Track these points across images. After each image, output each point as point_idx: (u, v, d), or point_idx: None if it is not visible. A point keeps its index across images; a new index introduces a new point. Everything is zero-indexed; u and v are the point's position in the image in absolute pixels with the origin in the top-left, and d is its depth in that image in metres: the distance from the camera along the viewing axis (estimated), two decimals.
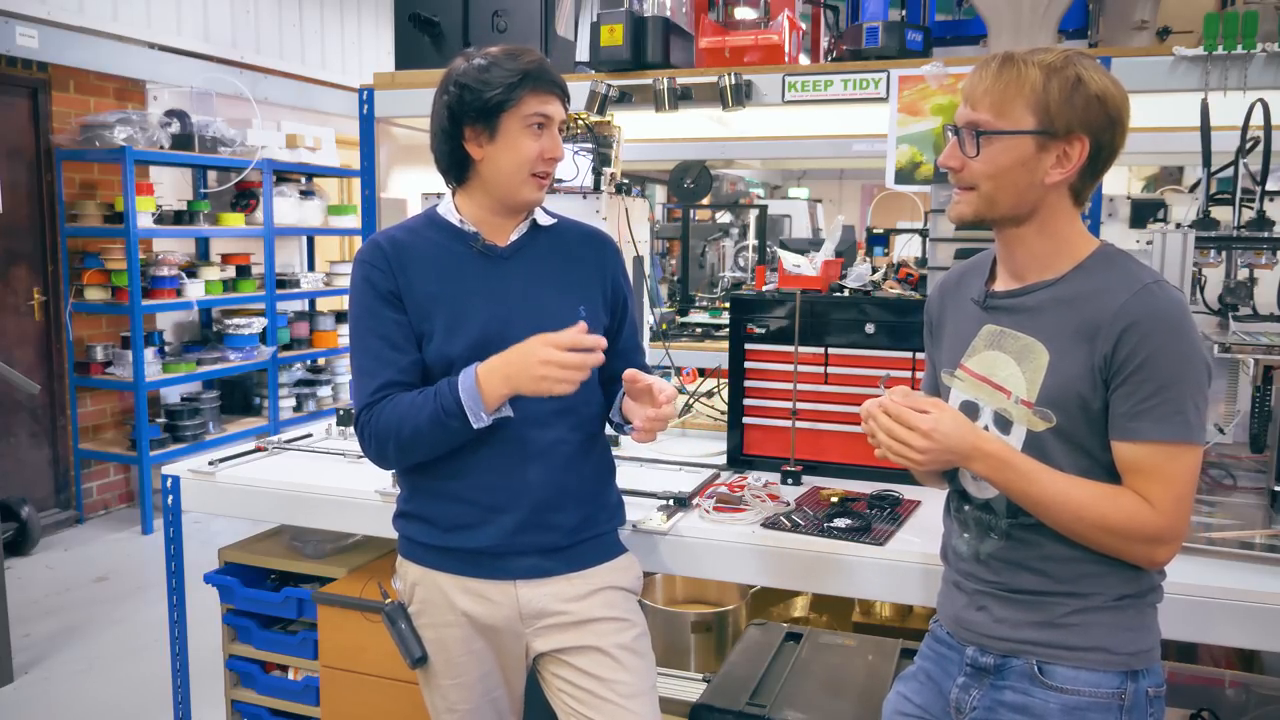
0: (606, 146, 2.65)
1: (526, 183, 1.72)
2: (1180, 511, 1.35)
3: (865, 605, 2.75)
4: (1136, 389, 1.33)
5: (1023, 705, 1.43)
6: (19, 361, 5.09)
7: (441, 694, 1.81)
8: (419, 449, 1.70)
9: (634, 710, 1.73)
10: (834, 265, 2.52)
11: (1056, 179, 1.38)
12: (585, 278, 1.83)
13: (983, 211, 1.42)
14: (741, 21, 2.97)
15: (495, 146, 1.70)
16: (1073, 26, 2.77)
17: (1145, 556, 1.38)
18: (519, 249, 1.79)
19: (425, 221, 1.81)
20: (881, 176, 2.56)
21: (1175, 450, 1.33)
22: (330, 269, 6.94)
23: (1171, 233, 1.95)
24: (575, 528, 1.78)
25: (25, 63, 5.10)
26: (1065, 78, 1.35)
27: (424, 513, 1.78)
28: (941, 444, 1.37)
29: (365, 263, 1.76)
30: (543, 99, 1.70)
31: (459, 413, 1.62)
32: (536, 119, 1.69)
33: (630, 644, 1.78)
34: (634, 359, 1.90)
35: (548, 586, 1.76)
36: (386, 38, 7.31)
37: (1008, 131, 1.37)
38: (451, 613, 1.76)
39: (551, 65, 1.74)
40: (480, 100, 1.67)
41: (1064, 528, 1.39)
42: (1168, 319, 1.33)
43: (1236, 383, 2.24)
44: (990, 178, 1.40)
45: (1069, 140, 1.37)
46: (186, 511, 2.51)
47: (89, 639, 4.01)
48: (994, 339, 1.48)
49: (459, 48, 2.97)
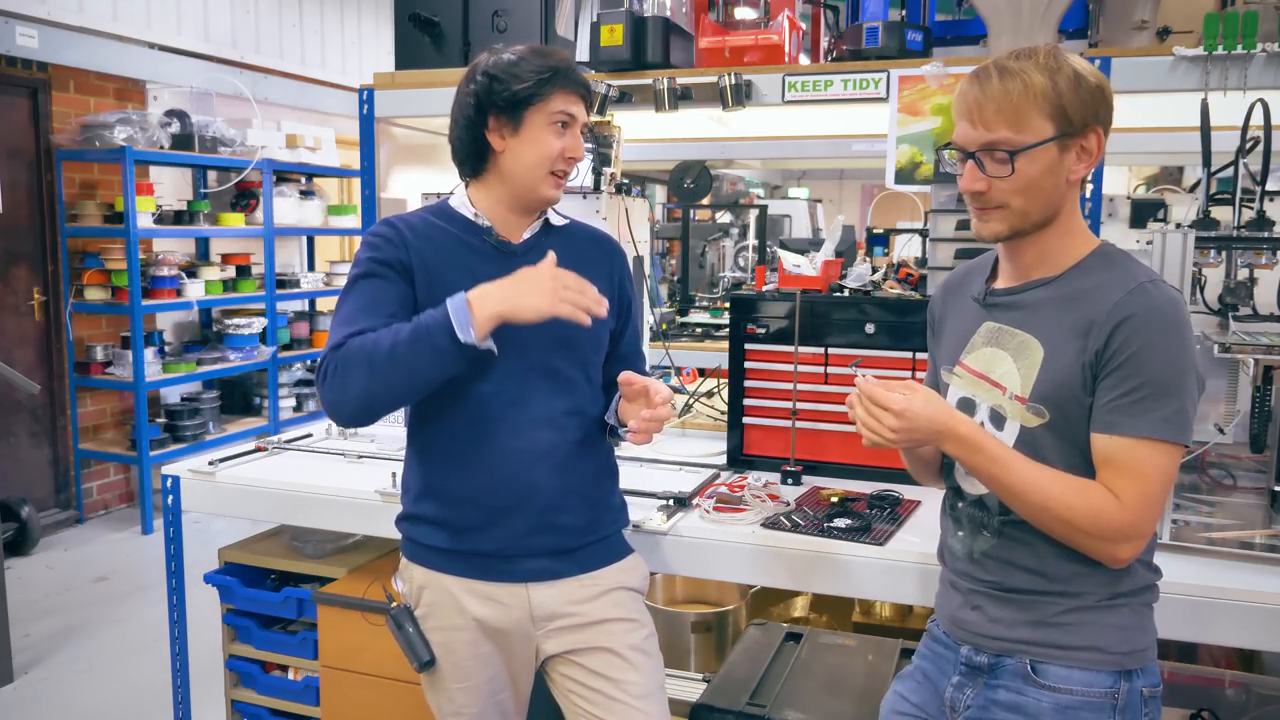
0: (606, 146, 2.66)
1: (545, 180, 1.72)
2: (1146, 510, 1.34)
3: (865, 605, 2.75)
4: (1120, 383, 1.33)
5: (1016, 704, 1.43)
6: (19, 361, 5.09)
7: (448, 697, 1.80)
8: (392, 375, 1.55)
9: (645, 710, 1.73)
10: (834, 265, 2.52)
11: (1081, 174, 1.39)
12: (595, 280, 1.81)
13: (1017, 226, 1.41)
14: (741, 21, 2.97)
15: (518, 140, 1.69)
16: (1073, 26, 2.77)
17: (1106, 553, 1.37)
18: (532, 247, 1.77)
19: (437, 212, 1.78)
20: (881, 176, 2.56)
21: (1150, 447, 1.33)
22: (330, 269, 6.94)
23: (1171, 233, 1.95)
24: (583, 529, 1.78)
25: (25, 63, 5.10)
26: (1067, 75, 1.35)
27: (431, 515, 1.76)
28: (912, 423, 1.38)
29: (378, 235, 1.71)
30: (569, 98, 1.70)
31: (445, 327, 1.51)
32: (562, 116, 1.69)
33: (640, 644, 1.79)
34: (634, 364, 1.89)
35: (559, 588, 1.76)
36: (386, 38, 7.31)
37: (1035, 144, 1.36)
38: (460, 616, 1.75)
39: (578, 68, 1.74)
40: (509, 91, 1.66)
41: (1031, 517, 1.39)
42: (1160, 316, 1.33)
43: (1236, 383, 2.24)
44: (1021, 193, 1.38)
45: (1085, 135, 1.37)
46: (186, 511, 2.51)
47: (89, 639, 4.01)
48: (992, 336, 1.48)
49: (459, 48, 2.98)
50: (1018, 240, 1.45)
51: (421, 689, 1.87)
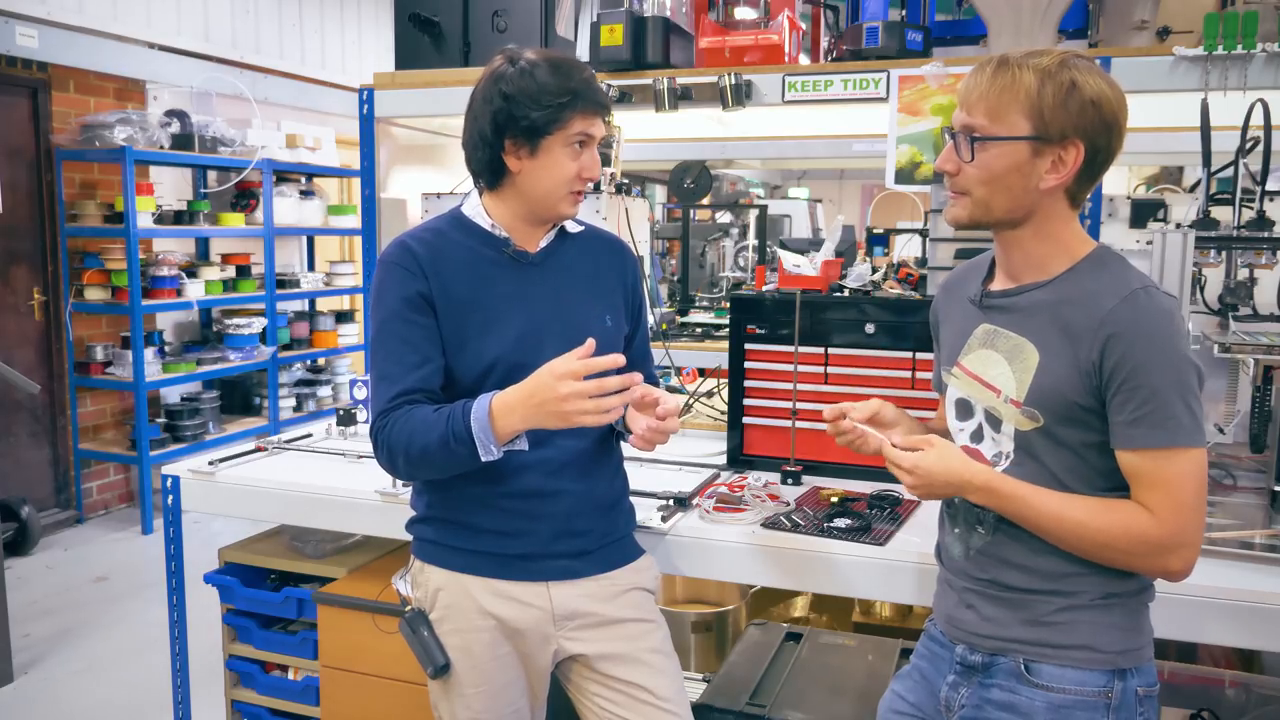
0: (606, 146, 2.66)
1: (564, 199, 1.71)
2: (1184, 518, 1.33)
3: (865, 605, 2.75)
4: (1127, 400, 1.33)
5: (1009, 703, 1.43)
6: (19, 361, 5.09)
7: (465, 703, 1.76)
8: (427, 468, 1.67)
9: (674, 711, 1.75)
10: (834, 265, 2.52)
11: (1052, 184, 1.38)
12: (610, 286, 1.83)
13: (977, 216, 1.43)
14: (741, 21, 2.97)
15: (535, 162, 1.68)
16: (1073, 26, 2.77)
17: (1157, 567, 1.37)
18: (548, 255, 1.78)
19: (451, 223, 1.76)
20: (881, 176, 2.56)
21: (1170, 456, 1.33)
22: (330, 269, 6.94)
23: (1171, 233, 1.95)
24: (602, 532, 1.80)
25: (25, 63, 5.10)
26: (1060, 82, 1.34)
27: (456, 517, 1.76)
28: (928, 479, 1.42)
29: (395, 264, 1.70)
30: (588, 119, 1.68)
31: (468, 441, 1.58)
32: (580, 138, 1.68)
33: (659, 646, 1.81)
34: (644, 366, 1.91)
35: (579, 587, 1.77)
36: (386, 38, 7.30)
37: (1002, 137, 1.37)
38: (480, 617, 1.74)
39: (597, 81, 1.72)
40: (528, 119, 1.63)
41: (1072, 547, 1.39)
42: (1152, 328, 1.32)
43: (1236, 383, 2.24)
44: (984, 183, 1.40)
45: (1064, 145, 1.36)
46: (186, 511, 2.51)
47: (89, 639, 4.01)
48: (988, 338, 1.48)
49: (459, 48, 2.97)
50: (1000, 240, 1.46)
51: (423, 690, 1.86)
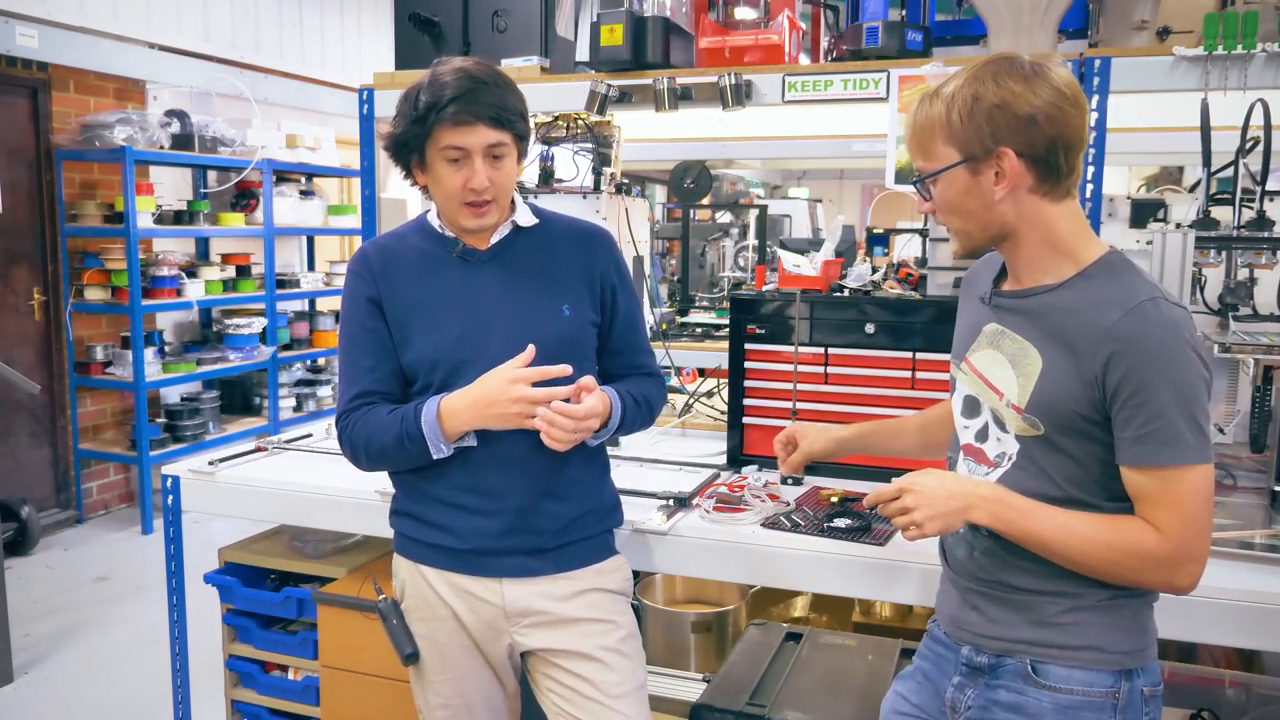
0: (606, 146, 2.66)
1: (460, 211, 1.73)
2: (1189, 534, 1.32)
3: (865, 605, 2.75)
4: (1133, 416, 1.32)
5: (1017, 705, 1.43)
6: (19, 361, 5.09)
7: (434, 690, 1.83)
8: (387, 463, 1.79)
9: (620, 710, 1.74)
10: (834, 265, 2.52)
11: (1004, 195, 1.38)
12: (571, 276, 1.81)
13: (966, 245, 1.47)
14: (741, 21, 2.96)
15: (429, 178, 1.74)
16: (1073, 26, 2.76)
17: (1163, 582, 1.36)
18: (498, 252, 1.79)
19: (415, 228, 1.85)
20: (881, 176, 2.55)
21: (1177, 474, 1.32)
22: (330, 269, 6.95)
23: (1171, 233, 1.95)
24: (561, 530, 1.78)
25: (25, 63, 5.10)
26: (962, 100, 1.36)
27: (413, 510, 1.82)
28: (928, 497, 1.40)
29: (352, 271, 1.81)
30: (457, 131, 1.63)
31: (420, 439, 1.69)
32: (451, 153, 1.66)
33: (615, 645, 1.79)
34: (631, 356, 1.89)
35: (534, 585, 1.77)
36: (386, 38, 7.30)
37: (938, 171, 1.41)
38: (442, 607, 1.79)
39: (486, 88, 1.64)
40: (403, 136, 1.69)
41: (1078, 565, 1.38)
42: (1158, 343, 1.30)
43: (1236, 383, 2.24)
44: (951, 214, 1.44)
45: (994, 157, 1.37)
46: (186, 511, 2.51)
47: (89, 639, 4.01)
48: (994, 338, 1.48)
49: (459, 48, 2.97)
50: (1001, 250, 1.47)
51: None
